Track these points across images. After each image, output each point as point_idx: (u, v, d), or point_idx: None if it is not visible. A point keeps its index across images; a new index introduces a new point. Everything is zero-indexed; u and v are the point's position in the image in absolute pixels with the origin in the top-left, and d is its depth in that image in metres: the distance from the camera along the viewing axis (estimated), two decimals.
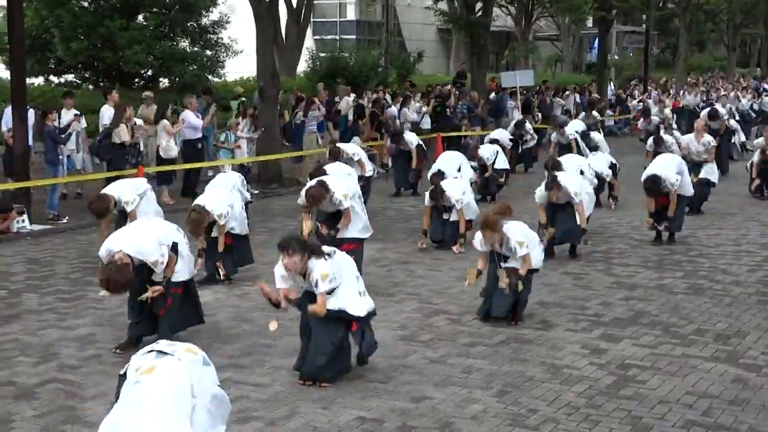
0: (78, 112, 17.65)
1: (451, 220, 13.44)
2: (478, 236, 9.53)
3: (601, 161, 16.73)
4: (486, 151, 17.94)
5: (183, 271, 8.78)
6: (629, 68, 53.36)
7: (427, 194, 13.37)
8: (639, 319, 9.87)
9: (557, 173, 12.72)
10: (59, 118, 16.77)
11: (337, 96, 24.67)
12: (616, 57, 54.59)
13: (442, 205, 13.41)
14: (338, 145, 16.18)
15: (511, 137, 21.94)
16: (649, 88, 40.53)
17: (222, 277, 11.35)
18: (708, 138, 17.10)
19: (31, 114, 16.45)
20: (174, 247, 8.56)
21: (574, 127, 21.97)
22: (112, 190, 11.77)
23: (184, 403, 4.73)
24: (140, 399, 4.60)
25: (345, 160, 15.19)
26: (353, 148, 16.80)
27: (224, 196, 11.49)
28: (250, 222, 12.75)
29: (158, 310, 8.69)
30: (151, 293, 8.53)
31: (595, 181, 15.19)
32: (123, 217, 11.63)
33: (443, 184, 13.51)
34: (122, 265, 7.88)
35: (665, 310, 10.25)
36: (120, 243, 8.20)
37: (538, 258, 9.88)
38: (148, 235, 8.47)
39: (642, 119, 24.91)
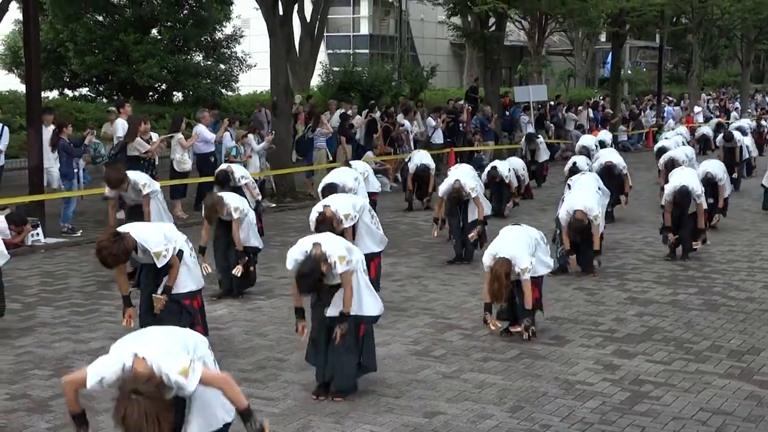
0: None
1: (469, 220, 13.47)
2: (488, 258, 9.45)
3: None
4: (504, 169, 17.73)
5: (188, 282, 8.63)
6: (642, 83, 53.27)
7: (442, 186, 13.49)
8: (652, 335, 9.85)
9: (582, 207, 12.38)
10: (40, 134, 16.31)
11: (329, 111, 24.56)
12: (630, 72, 54.51)
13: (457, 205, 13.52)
14: (350, 162, 15.70)
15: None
16: (663, 103, 40.44)
17: (238, 274, 11.21)
18: None
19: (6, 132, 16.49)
20: (180, 255, 8.54)
21: (585, 142, 21.96)
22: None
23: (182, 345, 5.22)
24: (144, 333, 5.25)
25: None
26: (363, 165, 16.78)
27: (239, 197, 11.56)
28: (263, 237, 12.78)
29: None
30: (159, 304, 8.47)
31: (608, 194, 15.22)
32: (132, 215, 11.71)
33: (455, 176, 13.71)
34: (121, 238, 7.90)
35: (679, 326, 10.23)
36: (127, 228, 8.30)
37: (548, 261, 10.09)
38: (156, 228, 8.56)
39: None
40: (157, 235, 8.33)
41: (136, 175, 11.90)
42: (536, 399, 7.83)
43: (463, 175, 13.83)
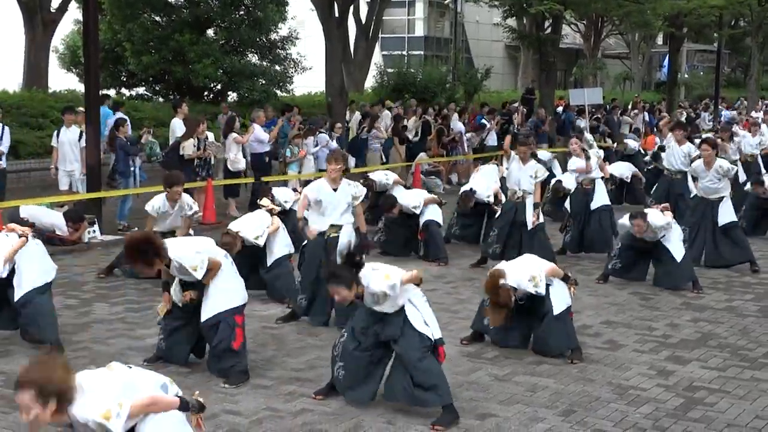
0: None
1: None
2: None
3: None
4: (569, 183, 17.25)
5: (234, 296, 8.37)
6: (699, 87, 52.76)
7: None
8: (707, 341, 9.74)
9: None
10: (57, 136, 16.35)
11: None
12: (686, 75, 54.01)
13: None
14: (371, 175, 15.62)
15: None
16: (720, 106, 39.99)
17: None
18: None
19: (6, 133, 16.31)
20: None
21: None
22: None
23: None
24: None
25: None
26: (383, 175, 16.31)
27: (260, 219, 11.25)
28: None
29: (228, 344, 8.20)
30: (187, 296, 8.27)
31: None
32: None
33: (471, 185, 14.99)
34: (154, 248, 7.79)
35: (734, 333, 10.11)
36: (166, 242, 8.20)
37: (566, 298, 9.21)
38: (190, 243, 8.48)
39: None
40: (190, 250, 8.18)
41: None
42: (589, 403, 7.78)
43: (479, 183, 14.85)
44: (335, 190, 10.03)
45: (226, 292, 8.29)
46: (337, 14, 22.16)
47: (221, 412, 7.42)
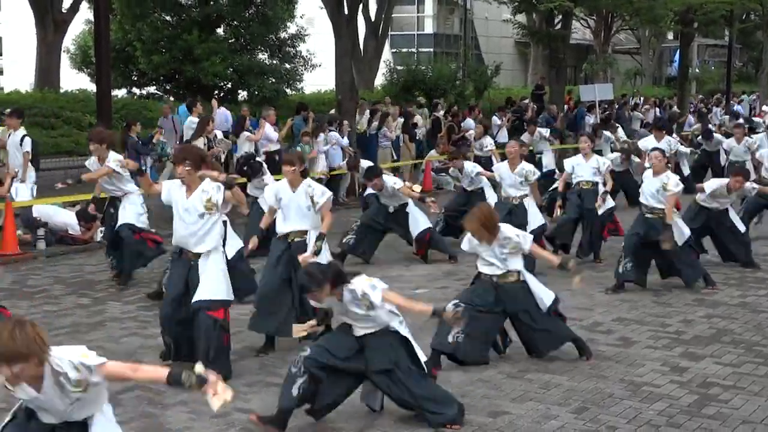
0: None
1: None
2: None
3: None
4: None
5: (224, 289, 8.31)
6: (710, 82, 52.61)
7: None
8: (721, 337, 9.71)
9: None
10: (8, 138, 15.36)
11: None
12: (697, 70, 53.85)
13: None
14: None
15: None
16: (733, 101, 39.87)
17: None
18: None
19: None
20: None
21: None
22: None
23: None
24: None
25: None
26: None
27: None
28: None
29: (220, 343, 8.17)
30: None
31: None
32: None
33: None
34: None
35: (748, 329, 10.07)
36: None
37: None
38: None
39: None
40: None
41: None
42: (602, 400, 7.76)
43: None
44: (294, 191, 9.45)
45: (220, 282, 8.23)
46: (346, 12, 22.12)
47: (233, 410, 7.41)
